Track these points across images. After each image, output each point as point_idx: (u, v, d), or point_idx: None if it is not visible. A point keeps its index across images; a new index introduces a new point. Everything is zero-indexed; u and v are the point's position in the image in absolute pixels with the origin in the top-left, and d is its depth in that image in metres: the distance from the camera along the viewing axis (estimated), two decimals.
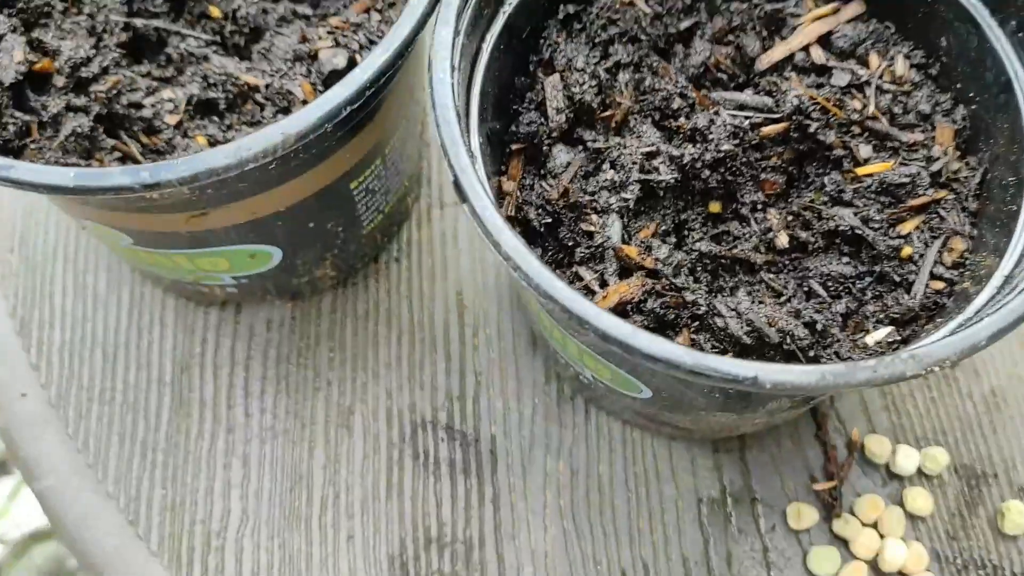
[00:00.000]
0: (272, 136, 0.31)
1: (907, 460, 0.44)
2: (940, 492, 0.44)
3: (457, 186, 0.31)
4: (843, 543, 0.43)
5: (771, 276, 0.39)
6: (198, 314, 0.49)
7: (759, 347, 0.35)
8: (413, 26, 0.33)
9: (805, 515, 0.43)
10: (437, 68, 0.32)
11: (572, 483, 0.45)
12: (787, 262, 0.39)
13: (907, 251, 0.37)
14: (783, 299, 0.38)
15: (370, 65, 0.32)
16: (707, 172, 0.38)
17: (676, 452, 0.46)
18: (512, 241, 0.30)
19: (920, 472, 0.44)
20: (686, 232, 0.40)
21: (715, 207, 0.40)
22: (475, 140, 0.35)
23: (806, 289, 0.38)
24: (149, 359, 0.48)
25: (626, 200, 0.38)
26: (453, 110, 0.32)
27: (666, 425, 0.43)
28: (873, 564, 0.43)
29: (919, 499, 0.43)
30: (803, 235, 0.39)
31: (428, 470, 0.46)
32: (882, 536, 0.43)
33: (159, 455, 0.46)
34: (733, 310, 0.36)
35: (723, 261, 0.39)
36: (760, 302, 0.38)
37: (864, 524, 0.43)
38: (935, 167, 0.37)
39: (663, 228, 0.39)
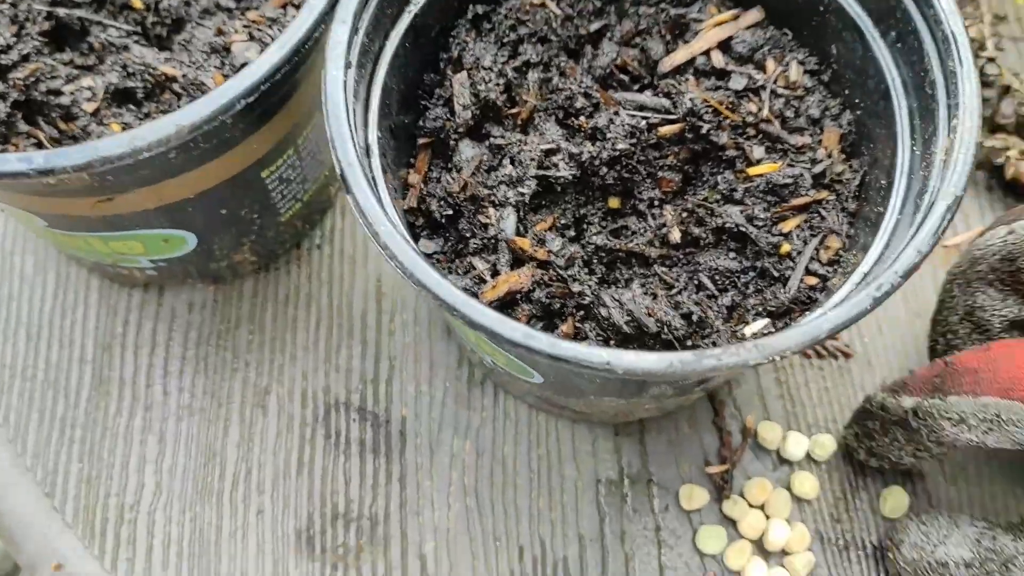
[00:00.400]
0: (165, 127, 0.32)
1: (796, 446, 0.46)
2: (827, 477, 0.46)
3: (343, 179, 0.32)
4: (732, 523, 0.46)
5: (664, 270, 0.41)
6: (121, 295, 0.50)
7: (639, 336, 0.37)
8: (310, 25, 0.34)
9: (696, 496, 0.45)
10: (330, 66, 0.34)
11: (477, 463, 0.47)
12: (680, 256, 0.41)
13: (786, 248, 0.39)
14: (675, 291, 0.40)
15: (265, 62, 0.34)
16: (605, 169, 0.40)
17: (579, 435, 0.47)
18: (389, 232, 0.31)
19: (809, 458, 0.47)
20: (585, 226, 0.42)
21: (614, 203, 0.42)
22: (373, 134, 0.37)
23: (696, 282, 0.40)
24: (72, 338, 0.49)
25: (523, 194, 0.39)
26: (343, 107, 0.33)
27: (566, 409, 0.45)
28: (759, 544, 0.45)
29: (806, 483, 0.46)
30: (695, 231, 0.41)
31: (339, 449, 0.47)
32: (768, 517, 0.45)
33: (77, 431, 0.47)
34: (617, 301, 0.37)
35: (619, 254, 0.41)
36: (653, 294, 0.39)
37: (752, 506, 0.45)
38: (818, 169, 0.39)
39: (563, 222, 0.41)
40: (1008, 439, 0.35)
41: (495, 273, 0.38)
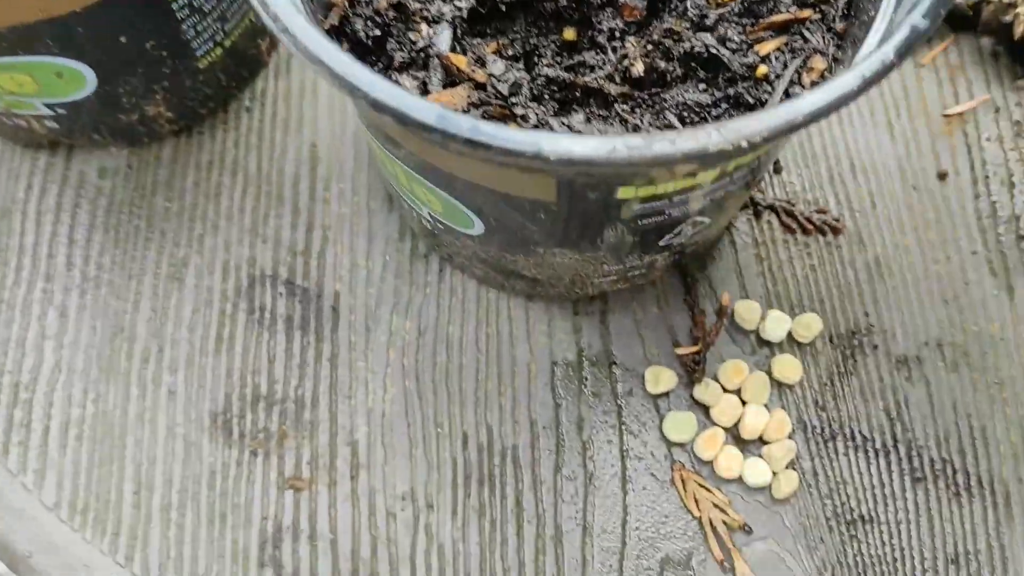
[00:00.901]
0: None
1: (777, 326, 0.41)
2: (812, 361, 0.41)
3: None
4: (703, 409, 0.40)
5: (625, 108, 0.35)
6: (25, 158, 0.45)
7: None
8: None
9: (664, 379, 0.40)
10: None
11: (419, 342, 0.42)
12: (645, 96, 0.36)
13: (763, 70, 0.33)
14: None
15: None
16: None
17: (533, 314, 0.42)
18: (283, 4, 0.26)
19: (791, 340, 0.41)
20: (536, 59, 0.36)
21: (570, 34, 0.36)
22: None
23: (663, 122, 0.35)
24: None
25: (460, 9, 0.34)
26: None
27: (517, 278, 0.40)
28: (733, 431, 0.40)
29: (787, 366, 0.40)
30: (662, 65, 0.35)
31: (263, 326, 0.42)
32: (744, 403, 0.40)
33: None
34: (565, 126, 0.32)
35: (574, 91, 0.36)
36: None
37: (726, 390, 0.40)
38: None
39: (511, 52, 0.36)
40: None
41: (425, 93, 0.33)
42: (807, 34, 0.34)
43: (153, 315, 0.42)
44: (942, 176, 0.44)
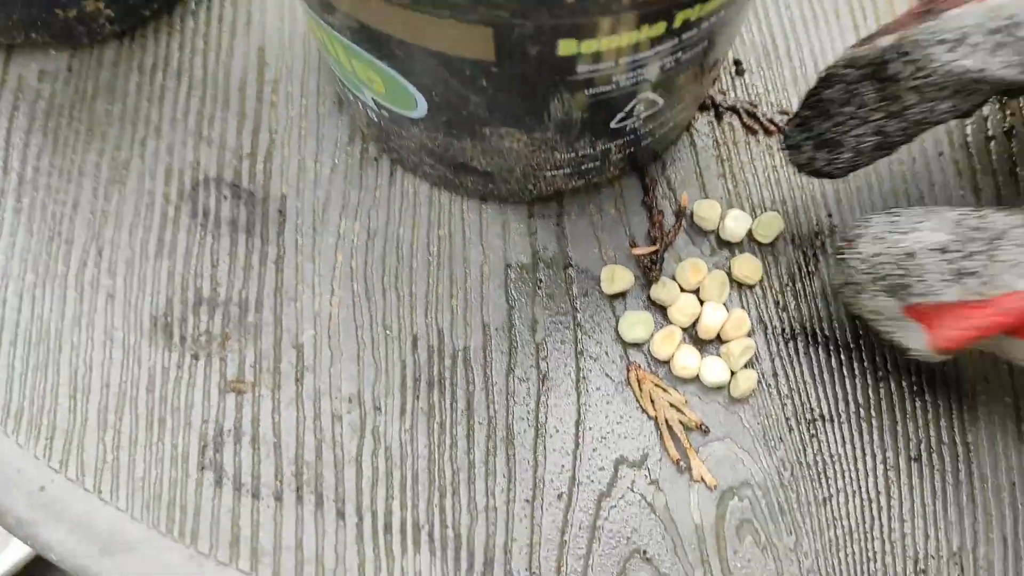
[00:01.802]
0: None
1: (737, 225, 0.39)
2: (773, 261, 0.40)
3: None
4: (660, 310, 0.39)
5: None
6: None
7: None
8: None
9: (620, 277, 0.39)
10: None
11: (368, 245, 0.40)
12: None
13: None
14: None
15: None
16: None
17: (487, 216, 0.41)
18: None
19: (752, 240, 0.40)
20: None
21: None
22: None
23: None
24: None
25: None
26: None
27: (468, 172, 0.38)
28: (691, 331, 0.39)
29: (746, 265, 0.39)
30: None
31: (206, 229, 0.40)
32: (702, 302, 0.39)
33: None
34: None
35: None
36: None
37: (684, 290, 0.39)
38: None
39: None
40: (1021, 56, 0.26)
41: None
42: None
43: (92, 218, 0.41)
44: None
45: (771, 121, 0.42)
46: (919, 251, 0.28)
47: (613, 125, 0.35)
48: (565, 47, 0.29)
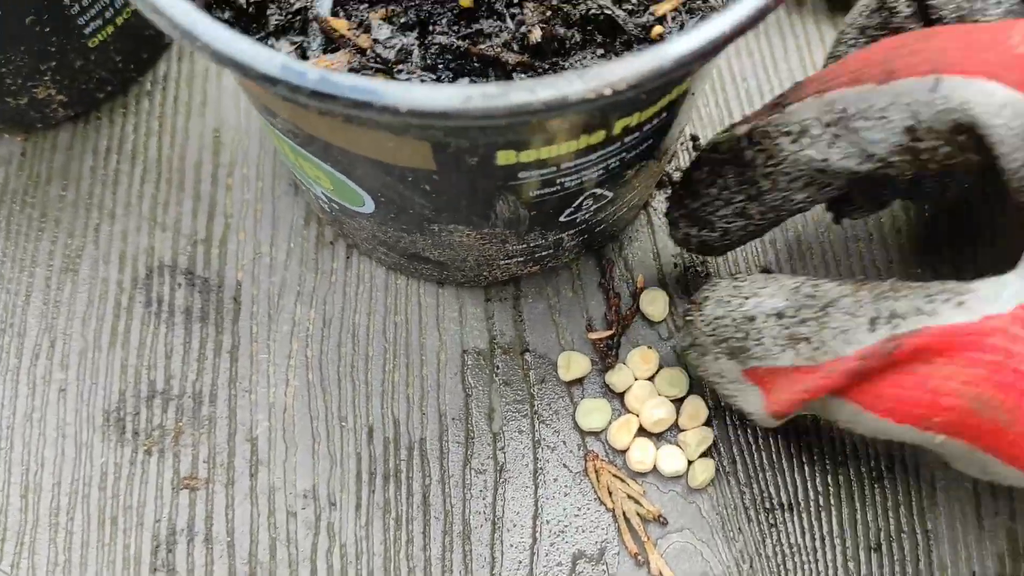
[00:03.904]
0: None
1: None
2: None
3: None
4: (619, 396, 0.39)
5: (524, 78, 0.34)
6: None
7: None
8: None
9: (576, 364, 0.38)
10: None
11: (323, 333, 0.40)
12: (544, 65, 0.34)
13: (658, 30, 0.32)
14: None
15: None
16: None
17: (444, 300, 0.40)
18: None
19: None
20: (431, 28, 0.35)
21: (466, 1, 0.35)
22: None
23: None
24: None
25: None
26: None
27: (422, 261, 0.38)
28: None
29: None
30: (560, 31, 0.34)
31: (160, 318, 0.40)
32: (659, 392, 0.38)
33: None
34: None
35: (471, 61, 0.34)
36: None
37: (639, 377, 0.38)
38: None
39: (403, 21, 0.34)
40: (856, 147, 0.28)
41: (304, 58, 0.31)
42: None
43: (45, 308, 0.40)
44: None
45: None
46: (758, 315, 0.29)
47: (563, 219, 0.35)
48: (504, 157, 0.29)
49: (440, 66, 0.33)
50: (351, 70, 0.31)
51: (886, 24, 0.34)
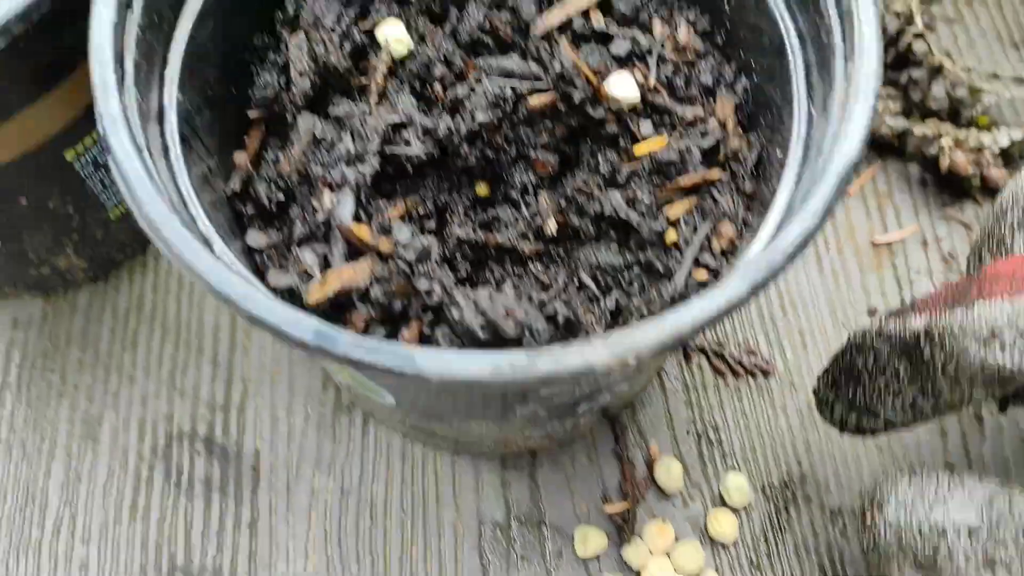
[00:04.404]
0: None
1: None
2: (746, 515, 0.40)
3: (103, 137, 0.26)
4: (635, 574, 0.39)
5: (540, 268, 0.35)
6: None
7: (498, 344, 0.30)
8: None
9: (592, 540, 0.39)
10: (99, 2, 0.27)
11: (341, 504, 0.40)
12: (559, 252, 0.35)
13: (672, 236, 0.33)
14: (552, 292, 0.34)
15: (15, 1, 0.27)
16: (466, 147, 0.34)
17: (460, 470, 0.41)
18: (150, 198, 0.25)
19: (721, 497, 0.40)
20: (449, 216, 0.36)
21: (482, 189, 0.36)
22: (171, 94, 0.30)
23: (577, 281, 0.34)
24: None
25: (363, 174, 0.33)
26: (110, 51, 0.27)
27: (440, 438, 0.38)
28: None
29: (723, 523, 0.39)
30: (575, 221, 0.35)
31: (180, 489, 0.40)
32: (676, 568, 0.38)
33: None
34: (470, 300, 0.31)
35: (488, 251, 0.35)
36: (528, 296, 0.33)
37: (655, 552, 0.39)
38: (707, 143, 0.33)
39: (420, 211, 0.35)
40: None
41: (327, 267, 0.32)
42: (717, 195, 0.33)
43: (66, 480, 0.41)
44: (872, 313, 0.43)
45: (739, 363, 0.42)
46: (948, 529, 0.28)
47: (580, 410, 0.35)
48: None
49: (458, 257, 0.34)
50: (374, 278, 0.31)
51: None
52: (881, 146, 0.46)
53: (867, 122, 0.25)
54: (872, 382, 0.31)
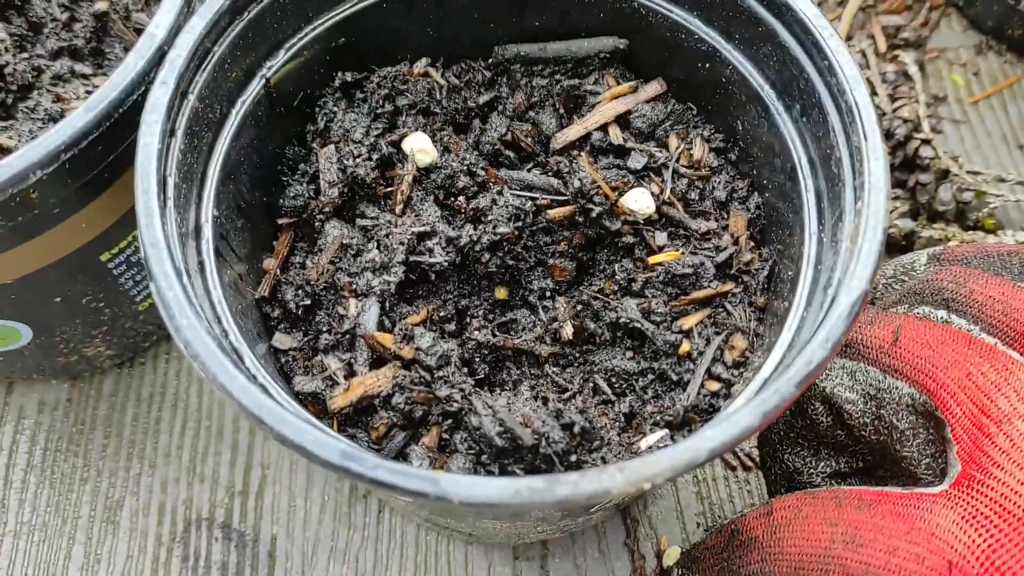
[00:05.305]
0: None
1: None
2: None
3: (145, 262, 0.27)
4: None
5: (556, 370, 0.36)
6: None
7: (515, 450, 0.31)
8: (125, 86, 0.30)
9: None
10: (145, 132, 0.29)
11: None
12: (575, 354, 0.36)
13: (685, 347, 0.34)
14: (568, 395, 0.35)
15: (64, 129, 0.29)
16: (487, 255, 0.36)
17: (473, 559, 0.41)
18: (191, 326, 0.26)
19: None
20: (468, 320, 0.37)
21: (502, 294, 0.37)
22: (207, 212, 0.32)
23: (592, 385, 0.35)
24: None
25: (389, 283, 0.34)
26: (155, 180, 0.28)
27: (452, 530, 0.39)
28: None
29: None
30: (591, 326, 0.36)
31: (197, 574, 0.41)
32: None
33: None
34: (489, 408, 0.32)
35: (506, 353, 0.36)
36: (544, 398, 0.34)
37: None
38: (722, 257, 0.35)
39: (441, 314, 0.36)
40: None
41: (351, 374, 0.33)
42: (730, 308, 0.35)
43: (86, 563, 0.41)
44: None
45: (748, 456, 0.43)
46: None
47: (592, 510, 0.36)
48: None
49: (477, 360, 0.35)
50: (396, 386, 0.32)
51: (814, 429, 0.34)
52: (889, 246, 0.47)
53: (876, 259, 0.27)
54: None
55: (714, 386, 0.33)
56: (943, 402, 0.29)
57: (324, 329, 0.34)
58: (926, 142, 0.44)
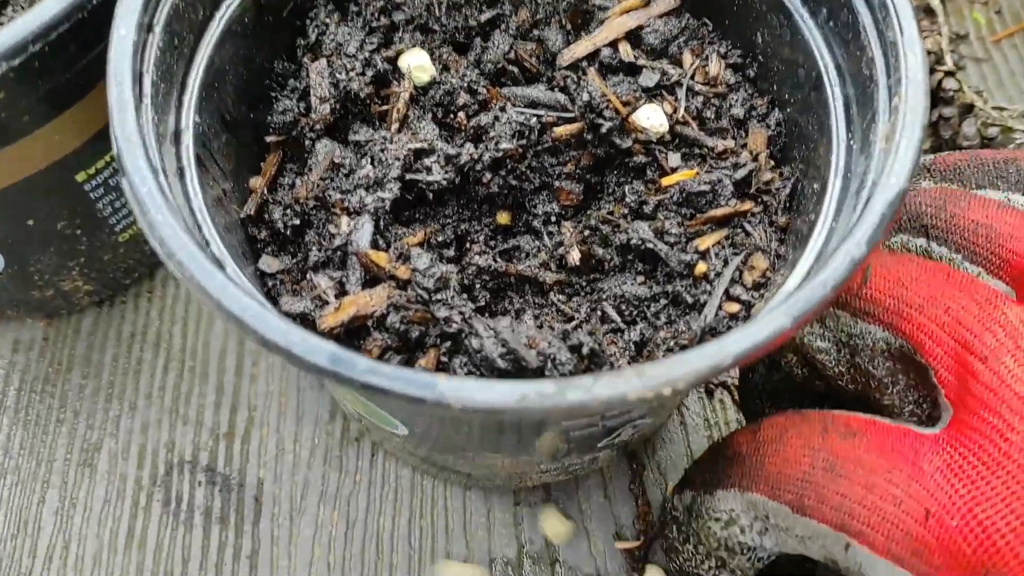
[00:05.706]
0: None
1: None
2: None
3: (118, 156, 0.25)
4: None
5: (562, 298, 0.34)
6: None
7: (519, 374, 0.29)
8: None
9: None
10: (119, 23, 0.27)
11: (347, 536, 0.39)
12: (581, 283, 0.34)
13: (701, 268, 0.32)
14: (574, 324, 0.33)
15: (31, 19, 0.27)
16: (488, 175, 0.33)
17: (472, 505, 0.39)
18: (166, 223, 0.24)
19: None
20: (469, 244, 0.35)
21: (504, 218, 0.35)
22: (188, 117, 0.30)
23: (600, 313, 0.33)
24: None
25: (383, 200, 0.32)
26: (129, 73, 0.26)
27: (452, 472, 0.37)
28: None
29: None
30: (599, 252, 0.34)
31: (178, 519, 0.39)
32: None
33: None
34: (491, 329, 0.30)
35: (508, 279, 0.34)
36: (550, 327, 0.32)
37: None
38: (740, 174, 0.32)
39: (440, 238, 0.34)
40: (788, 543, 0.28)
41: (342, 293, 0.31)
42: (749, 228, 0.33)
43: (61, 507, 0.39)
44: None
45: None
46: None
47: (600, 445, 0.34)
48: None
49: (477, 286, 0.33)
50: (391, 306, 0.30)
51: None
52: None
53: (915, 155, 0.25)
54: (685, 550, 0.33)
55: (733, 307, 0.31)
56: (922, 344, 0.28)
57: (314, 247, 0.32)
58: (950, 74, 0.42)
